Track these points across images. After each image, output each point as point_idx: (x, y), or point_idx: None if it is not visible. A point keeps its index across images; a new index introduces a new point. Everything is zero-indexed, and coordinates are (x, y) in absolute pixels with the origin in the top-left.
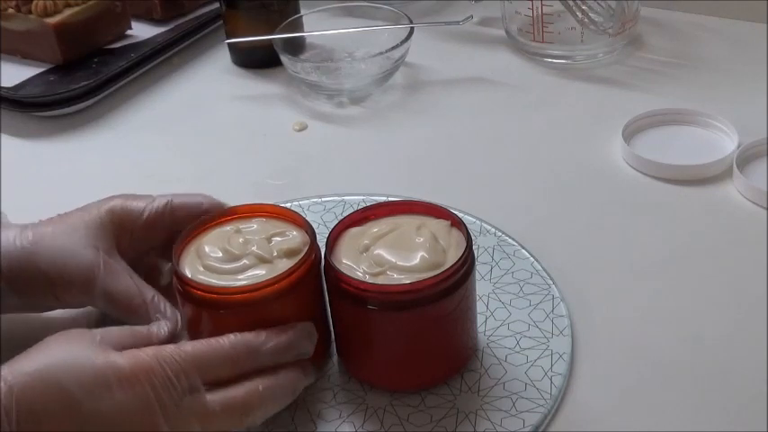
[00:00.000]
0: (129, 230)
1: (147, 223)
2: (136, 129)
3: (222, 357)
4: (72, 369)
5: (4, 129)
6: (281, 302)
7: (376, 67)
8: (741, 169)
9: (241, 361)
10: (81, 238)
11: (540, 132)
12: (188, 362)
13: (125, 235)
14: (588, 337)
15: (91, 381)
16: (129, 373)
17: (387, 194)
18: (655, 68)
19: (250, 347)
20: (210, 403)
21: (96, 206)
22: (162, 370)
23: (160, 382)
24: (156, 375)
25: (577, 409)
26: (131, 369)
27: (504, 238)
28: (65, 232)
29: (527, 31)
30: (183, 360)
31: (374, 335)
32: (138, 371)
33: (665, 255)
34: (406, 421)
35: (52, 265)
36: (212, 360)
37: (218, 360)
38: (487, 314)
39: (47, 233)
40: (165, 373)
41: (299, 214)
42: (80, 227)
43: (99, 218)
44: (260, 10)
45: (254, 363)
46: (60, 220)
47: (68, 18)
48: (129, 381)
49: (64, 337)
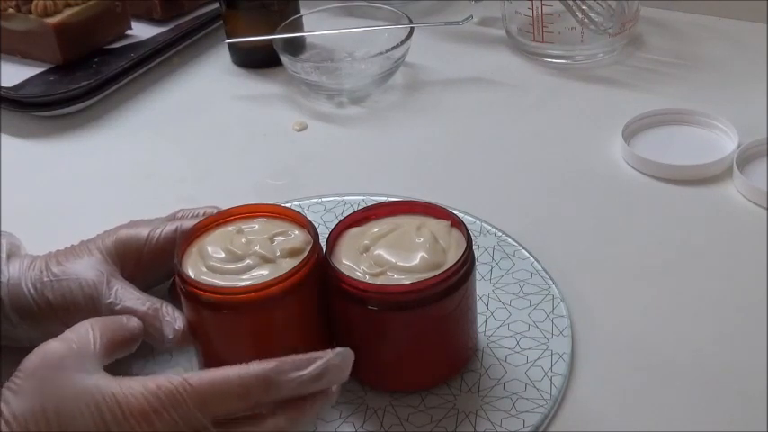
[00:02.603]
0: (134, 257)
1: (155, 249)
2: (136, 129)
3: (232, 393)
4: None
5: (4, 129)
6: (286, 302)
7: (376, 67)
8: (741, 169)
9: (254, 395)
10: (85, 264)
11: (540, 132)
12: (194, 399)
13: (130, 261)
14: (588, 337)
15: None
16: (129, 415)
17: (387, 194)
18: (655, 68)
19: (267, 381)
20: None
21: (102, 236)
22: (166, 413)
23: (163, 426)
24: (161, 418)
25: (577, 409)
26: (131, 412)
27: (504, 238)
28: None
29: (527, 31)
30: (189, 397)
31: (374, 335)
32: (138, 414)
33: (665, 255)
34: (406, 421)
35: (60, 296)
36: (222, 395)
37: (229, 395)
38: (487, 314)
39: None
40: (169, 417)
41: (300, 213)
42: (84, 254)
43: (104, 246)
44: (260, 10)
45: (272, 396)
46: (67, 250)
47: (68, 18)
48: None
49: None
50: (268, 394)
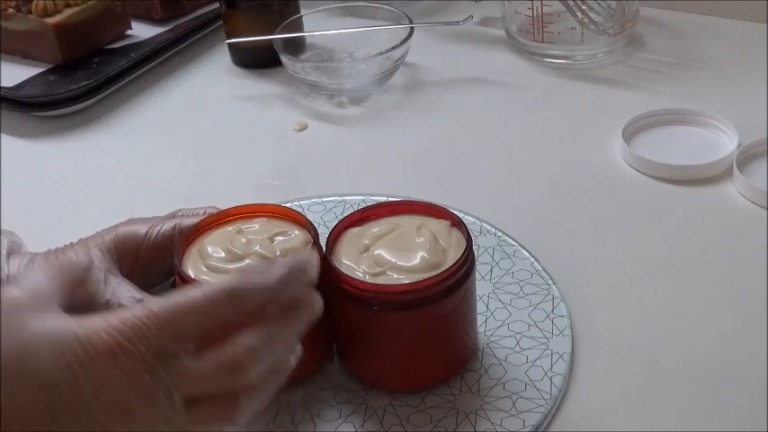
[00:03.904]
0: (133, 254)
1: (153, 246)
2: (136, 129)
3: (199, 311)
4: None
5: (4, 129)
6: None
7: (376, 67)
8: (741, 169)
9: (221, 310)
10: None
11: (540, 132)
12: (159, 327)
13: (128, 258)
14: (588, 337)
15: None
16: (94, 355)
17: (387, 194)
18: (655, 68)
19: (231, 292)
20: (193, 365)
21: (101, 234)
22: (132, 346)
23: (132, 360)
24: (128, 354)
25: (577, 409)
26: (96, 352)
27: (504, 238)
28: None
29: (527, 31)
30: (154, 325)
31: (374, 335)
32: (103, 353)
33: (665, 255)
34: (406, 421)
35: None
36: (188, 315)
37: (195, 314)
38: (487, 314)
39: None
40: (136, 350)
41: (300, 213)
42: (82, 251)
43: (103, 243)
44: (260, 10)
45: (239, 308)
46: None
47: (68, 18)
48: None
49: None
50: (235, 306)
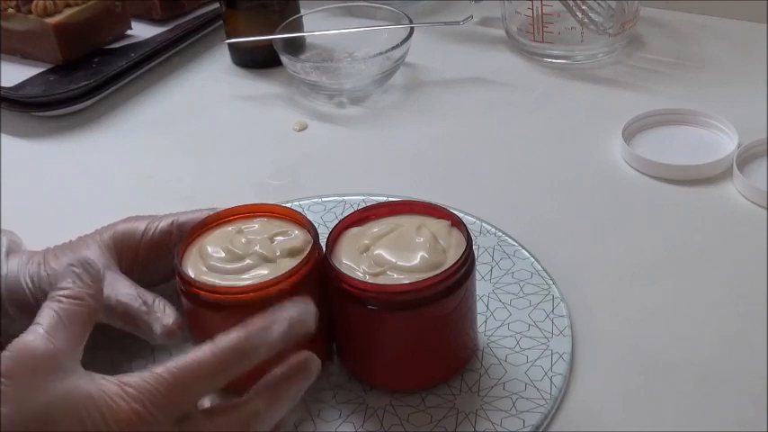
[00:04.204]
0: (131, 250)
1: (151, 243)
2: (136, 129)
3: (209, 372)
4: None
5: (4, 129)
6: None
7: (376, 67)
8: (741, 169)
9: (229, 368)
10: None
11: (540, 132)
12: (174, 392)
13: (127, 255)
14: (588, 337)
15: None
16: (111, 422)
17: (387, 194)
18: (655, 68)
19: (238, 351)
20: (205, 427)
21: (100, 231)
22: (148, 413)
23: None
24: (144, 421)
25: (577, 409)
26: (113, 419)
27: (504, 238)
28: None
29: (527, 31)
30: (168, 392)
31: (374, 335)
32: (121, 421)
33: (665, 255)
34: (406, 421)
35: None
36: (199, 378)
37: (206, 375)
38: (487, 314)
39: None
40: (151, 416)
41: (300, 213)
42: (82, 248)
43: (102, 240)
44: (260, 10)
45: (245, 365)
46: (65, 245)
47: (68, 18)
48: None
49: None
50: (241, 363)
